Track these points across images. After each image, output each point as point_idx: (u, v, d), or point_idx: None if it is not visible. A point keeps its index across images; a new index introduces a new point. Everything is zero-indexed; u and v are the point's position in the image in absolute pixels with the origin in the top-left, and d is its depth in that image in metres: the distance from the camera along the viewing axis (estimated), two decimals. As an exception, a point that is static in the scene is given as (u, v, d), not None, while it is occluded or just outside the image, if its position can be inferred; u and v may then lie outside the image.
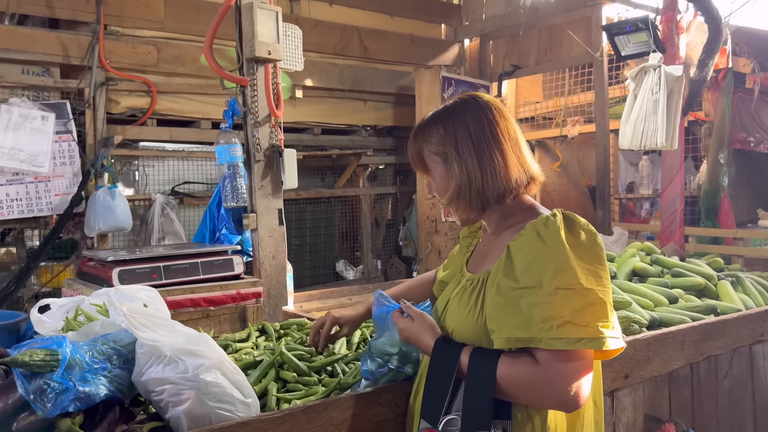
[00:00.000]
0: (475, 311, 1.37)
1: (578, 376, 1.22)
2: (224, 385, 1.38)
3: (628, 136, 3.13)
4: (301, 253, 5.27)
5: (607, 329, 1.23)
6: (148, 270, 2.05)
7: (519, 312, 1.25)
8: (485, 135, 1.40)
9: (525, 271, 1.27)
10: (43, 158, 3.80)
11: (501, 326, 1.28)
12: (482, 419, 1.27)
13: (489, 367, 1.28)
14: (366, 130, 5.29)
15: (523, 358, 1.26)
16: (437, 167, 1.45)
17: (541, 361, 1.23)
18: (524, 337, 1.24)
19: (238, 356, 1.85)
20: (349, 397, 1.51)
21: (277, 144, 2.51)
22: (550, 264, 1.25)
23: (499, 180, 1.39)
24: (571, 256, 1.25)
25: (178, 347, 1.38)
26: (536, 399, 1.27)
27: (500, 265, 1.33)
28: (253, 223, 2.47)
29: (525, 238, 1.31)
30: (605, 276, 1.28)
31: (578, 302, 1.22)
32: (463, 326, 1.40)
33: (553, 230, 1.29)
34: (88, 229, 3.86)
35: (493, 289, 1.32)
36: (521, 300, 1.25)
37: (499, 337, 1.28)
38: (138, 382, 1.38)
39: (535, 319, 1.22)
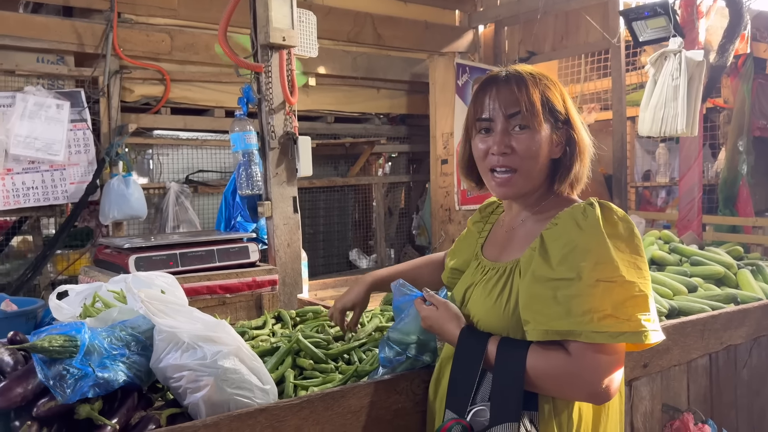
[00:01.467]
0: (502, 301, 1.34)
1: (611, 369, 1.20)
2: (242, 372, 1.37)
3: (648, 123, 3.08)
4: (314, 242, 5.27)
5: (649, 322, 1.20)
6: (164, 257, 2.05)
7: (556, 304, 1.21)
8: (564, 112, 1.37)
9: (562, 262, 1.23)
10: (58, 146, 3.82)
11: (537, 318, 1.24)
12: (513, 410, 1.25)
13: (518, 357, 1.26)
14: (379, 118, 5.27)
15: (554, 350, 1.23)
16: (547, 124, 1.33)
17: (574, 353, 1.20)
18: (563, 330, 1.20)
19: (254, 343, 1.84)
20: (366, 384, 1.50)
21: (291, 131, 2.49)
22: (589, 255, 1.21)
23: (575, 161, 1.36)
24: (611, 248, 1.21)
25: (196, 334, 1.37)
26: (566, 391, 1.25)
27: (533, 255, 1.29)
28: (268, 211, 2.47)
29: (561, 227, 1.27)
30: (645, 267, 1.24)
31: (620, 295, 1.19)
32: (489, 316, 1.36)
33: (592, 220, 1.25)
34: (103, 218, 3.88)
35: (526, 279, 1.29)
36: (558, 291, 1.22)
37: (535, 328, 1.24)
38: (156, 369, 1.38)
39: (574, 311, 1.19)
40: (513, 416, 1.25)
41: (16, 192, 3.76)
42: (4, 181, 3.71)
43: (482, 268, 1.47)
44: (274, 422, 1.36)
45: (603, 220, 1.25)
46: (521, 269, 1.33)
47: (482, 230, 1.60)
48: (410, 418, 1.57)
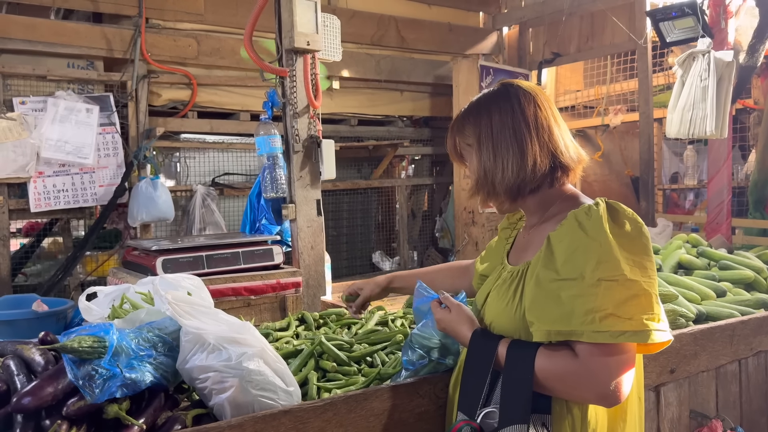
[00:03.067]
0: (514, 303, 1.35)
1: (619, 370, 1.19)
2: (267, 374, 1.38)
3: (676, 124, 3.04)
4: (337, 244, 5.29)
5: (653, 322, 1.19)
6: (190, 259, 2.08)
7: (560, 304, 1.22)
8: (506, 126, 1.38)
9: (566, 263, 1.24)
10: (88, 150, 3.90)
11: (541, 318, 1.25)
12: (521, 412, 1.25)
13: (527, 359, 1.26)
14: (402, 121, 5.27)
15: (562, 351, 1.23)
16: (470, 158, 1.45)
17: (581, 355, 1.20)
18: (565, 330, 1.21)
19: (278, 345, 1.86)
20: (389, 387, 1.51)
21: (315, 135, 2.51)
22: (592, 255, 1.21)
23: (512, 173, 1.36)
24: (614, 247, 1.21)
25: (222, 335, 1.39)
26: (575, 392, 1.24)
27: (540, 256, 1.30)
28: (292, 214, 2.49)
29: (565, 228, 1.28)
30: (651, 267, 1.24)
31: (622, 294, 1.18)
32: (501, 318, 1.38)
33: (596, 220, 1.25)
34: (131, 219, 3.95)
35: (532, 281, 1.30)
36: (562, 292, 1.22)
37: (539, 329, 1.25)
38: (182, 370, 1.40)
39: (576, 311, 1.19)
40: (521, 418, 1.24)
41: (47, 194, 3.84)
42: (36, 183, 3.79)
43: (503, 273, 1.47)
44: (297, 424, 1.37)
45: (609, 219, 1.25)
46: (531, 271, 1.34)
47: (509, 236, 1.61)
48: (433, 422, 1.57)
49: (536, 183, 1.38)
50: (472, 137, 1.42)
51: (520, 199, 1.42)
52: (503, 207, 1.46)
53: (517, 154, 1.36)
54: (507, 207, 1.46)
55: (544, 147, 1.37)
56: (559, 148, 1.38)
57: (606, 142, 5.62)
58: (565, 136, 1.41)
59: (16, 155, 3.68)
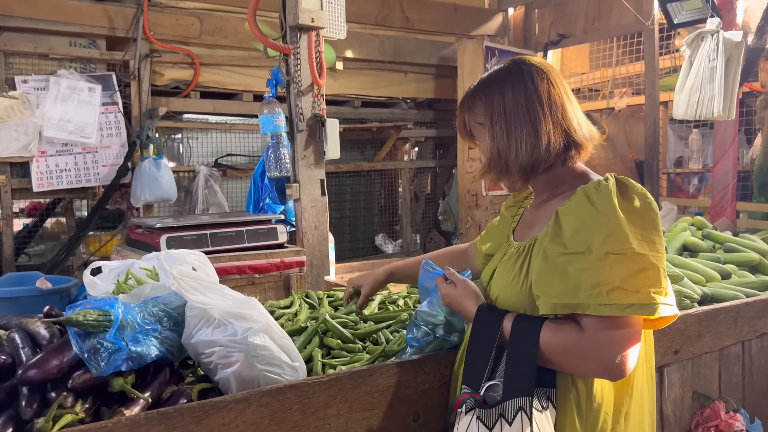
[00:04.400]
0: (520, 278, 1.35)
1: (625, 344, 1.19)
2: (272, 349, 1.38)
3: (683, 106, 3.01)
4: (340, 226, 5.28)
5: (660, 295, 1.19)
6: (195, 237, 2.07)
7: (567, 278, 1.22)
8: (519, 104, 1.36)
9: (574, 236, 1.24)
10: (90, 129, 3.88)
11: (547, 292, 1.25)
12: (525, 385, 1.25)
13: (532, 333, 1.26)
14: (406, 103, 5.24)
15: (568, 325, 1.23)
16: (481, 137, 1.44)
17: (587, 328, 1.20)
18: (572, 303, 1.21)
19: (283, 322, 1.86)
20: (394, 364, 1.51)
21: (319, 114, 2.49)
22: (600, 228, 1.21)
23: (526, 152, 1.35)
24: (622, 221, 1.21)
25: (227, 310, 1.39)
26: (580, 366, 1.24)
27: (548, 231, 1.30)
28: (296, 193, 2.47)
29: (574, 202, 1.28)
30: (659, 242, 1.23)
31: (629, 267, 1.18)
32: (507, 293, 1.38)
33: (605, 194, 1.24)
34: (134, 200, 3.94)
35: (539, 255, 1.29)
36: (569, 265, 1.22)
37: (545, 302, 1.25)
38: (188, 344, 1.40)
39: (583, 284, 1.19)
40: (525, 391, 1.24)
41: (50, 174, 3.83)
42: (38, 163, 3.78)
43: (509, 250, 1.47)
44: (303, 398, 1.37)
45: (618, 194, 1.25)
46: (538, 246, 1.33)
47: (515, 215, 1.61)
48: (437, 398, 1.57)
49: (550, 161, 1.38)
50: (484, 116, 1.41)
51: (533, 177, 1.41)
52: (516, 186, 1.46)
53: (530, 132, 1.35)
54: (520, 186, 1.46)
55: (557, 125, 1.36)
56: (572, 125, 1.37)
57: (611, 126, 5.58)
58: (578, 113, 1.40)
59: (19, 134, 3.67)
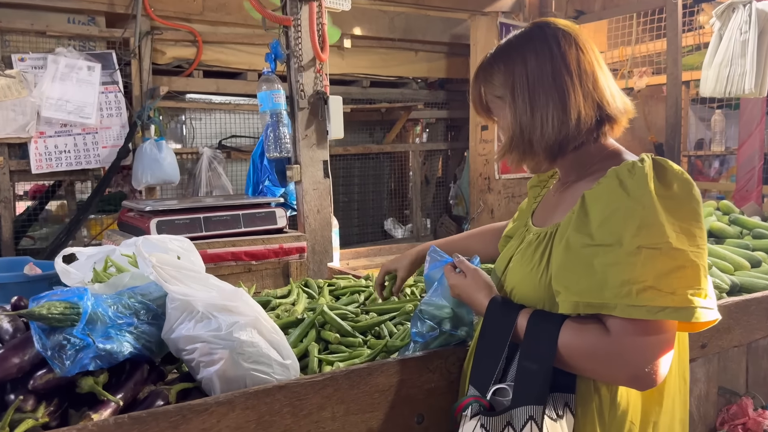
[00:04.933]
0: (539, 269, 1.20)
1: (656, 352, 1.04)
2: (260, 345, 1.25)
3: (711, 82, 2.82)
4: (348, 211, 5.16)
5: (699, 297, 1.04)
6: (187, 221, 1.95)
7: (591, 273, 1.07)
8: (544, 73, 1.20)
9: (602, 226, 1.08)
10: (90, 109, 3.77)
11: (569, 288, 1.11)
12: (537, 392, 1.11)
13: (550, 332, 1.12)
14: (417, 83, 5.08)
15: (592, 325, 1.09)
16: (500, 112, 1.27)
17: (613, 331, 1.06)
18: (596, 303, 1.06)
19: (279, 313, 1.73)
20: (396, 361, 1.38)
21: (322, 90, 2.35)
22: (632, 218, 1.06)
23: (553, 129, 1.19)
24: (659, 210, 1.06)
25: (211, 302, 1.26)
26: (604, 372, 1.10)
27: (572, 218, 1.14)
28: (297, 175, 2.34)
29: (604, 186, 1.12)
30: (700, 235, 1.08)
31: (664, 264, 1.03)
32: (524, 285, 1.24)
33: (639, 178, 1.09)
34: (135, 182, 3.84)
35: (561, 245, 1.15)
36: (595, 259, 1.07)
37: (566, 300, 1.11)
38: (168, 340, 1.28)
39: (610, 282, 1.05)
40: (537, 398, 1.11)
41: (49, 155, 3.73)
42: (37, 144, 3.68)
43: (527, 235, 1.32)
44: (294, 400, 1.25)
45: (655, 178, 1.09)
46: (560, 234, 1.18)
47: (538, 195, 1.47)
48: (444, 398, 1.44)
49: (580, 139, 1.21)
50: (503, 88, 1.24)
51: (561, 157, 1.25)
52: (540, 167, 1.30)
53: (558, 106, 1.19)
54: (545, 167, 1.30)
55: (588, 97, 1.19)
56: (605, 97, 1.21)
57: (629, 107, 5.37)
58: (611, 83, 1.23)
59: (16, 114, 3.56)
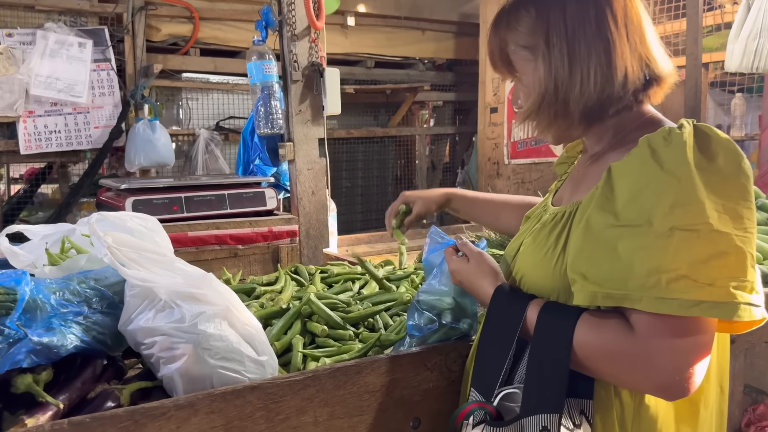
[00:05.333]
0: (554, 253, 1.02)
1: (690, 356, 0.86)
2: (230, 339, 1.09)
3: (737, 57, 2.61)
4: (351, 196, 5.00)
5: (743, 291, 0.85)
6: (166, 201, 1.78)
7: (615, 258, 0.89)
8: (587, 20, 1.00)
9: (629, 203, 0.90)
10: (81, 88, 3.63)
11: (587, 276, 0.93)
12: (552, 398, 0.94)
13: (564, 328, 0.95)
14: (424, 64, 4.89)
15: (613, 321, 0.91)
16: (526, 66, 1.05)
17: (639, 329, 0.88)
18: (618, 294, 0.88)
19: (263, 301, 1.57)
20: (389, 358, 1.21)
21: (317, 62, 2.17)
22: (665, 194, 0.87)
23: (595, 86, 0.99)
24: (698, 186, 0.87)
25: (175, 289, 1.10)
26: (625, 378, 0.92)
27: (595, 194, 0.96)
28: (290, 154, 2.16)
29: (634, 157, 0.93)
30: (749, 217, 0.88)
31: (703, 250, 0.84)
32: (536, 272, 1.05)
33: (677, 147, 0.89)
34: (128, 164, 3.70)
35: (581, 226, 0.96)
36: (619, 242, 0.89)
37: (583, 289, 0.93)
38: (125, 332, 1.11)
39: (636, 269, 0.87)
40: (552, 405, 0.94)
41: (38, 136, 3.58)
42: (26, 124, 3.54)
43: (543, 215, 1.14)
44: (269, 403, 1.08)
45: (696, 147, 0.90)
46: (581, 213, 1.00)
47: (564, 173, 1.28)
48: (443, 400, 1.27)
49: (624, 101, 1.02)
50: (534, 36, 1.03)
51: (598, 123, 1.05)
52: (570, 134, 1.09)
53: (602, 60, 0.99)
54: (577, 134, 1.09)
55: (635, 51, 1.00)
56: (651, 54, 1.01)
57: (645, 90, 5.15)
58: (657, 39, 1.04)
59: (3, 92, 3.43)
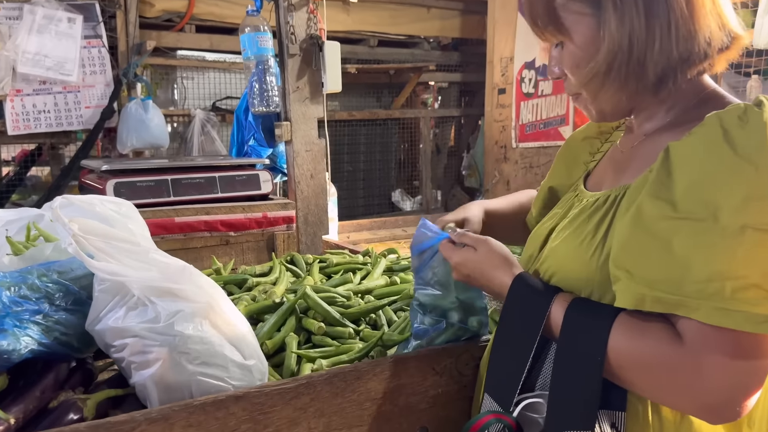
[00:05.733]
0: (593, 243, 0.87)
1: (750, 379, 0.73)
2: (212, 341, 0.95)
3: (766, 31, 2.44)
4: (353, 181, 4.85)
5: None
6: (152, 184, 1.64)
7: (669, 256, 0.75)
8: None
9: (691, 192, 0.75)
10: (71, 66, 3.47)
11: (634, 274, 0.78)
12: (582, 413, 0.80)
13: (598, 329, 0.81)
14: (429, 43, 4.71)
15: (656, 325, 0.77)
16: (580, 22, 0.88)
17: (690, 339, 0.74)
18: (671, 299, 0.74)
19: (255, 294, 1.43)
20: (393, 361, 1.07)
21: (316, 34, 2.01)
22: (738, 184, 0.73)
23: (676, 43, 0.83)
24: None
25: (149, 284, 0.96)
26: (666, 393, 0.78)
27: (649, 179, 0.81)
28: (287, 134, 2.02)
29: (700, 137, 0.78)
30: None
31: None
32: (571, 264, 0.90)
33: (755, 129, 0.75)
34: (120, 146, 3.55)
35: (629, 214, 0.81)
36: (676, 237, 0.75)
37: (628, 289, 0.79)
38: (93, 332, 0.98)
39: (695, 271, 0.73)
40: (580, 422, 0.80)
41: (27, 116, 3.43)
42: (14, 103, 3.39)
43: (577, 200, 1.00)
44: (256, 414, 0.95)
45: None
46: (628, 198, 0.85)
47: (596, 151, 1.11)
48: (453, 407, 1.15)
49: (705, 64, 0.86)
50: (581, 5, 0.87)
51: (665, 89, 0.88)
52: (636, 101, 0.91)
53: (685, 11, 0.83)
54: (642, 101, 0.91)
55: (713, 11, 0.85)
56: (724, 14, 0.86)
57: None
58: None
59: (-11, 69, 3.26)
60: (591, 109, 0.94)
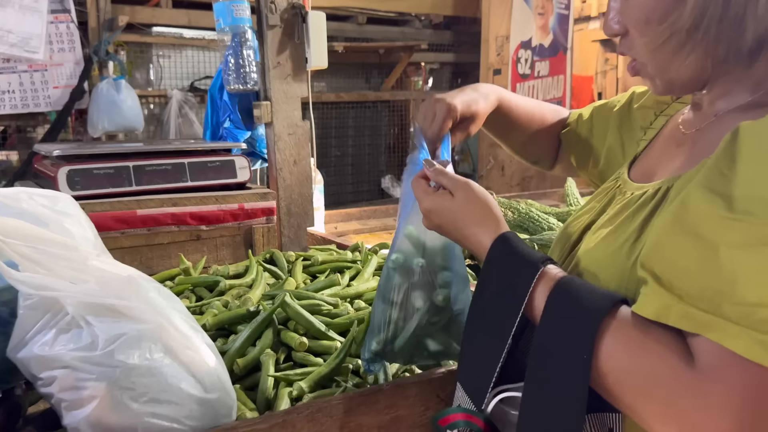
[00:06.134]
0: (636, 247, 0.70)
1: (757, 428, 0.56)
2: (165, 372, 0.76)
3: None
4: (341, 166, 4.67)
5: None
6: (110, 171, 1.44)
7: (711, 264, 0.58)
8: None
9: (756, 186, 0.58)
10: (37, 42, 3.24)
11: (664, 277, 0.61)
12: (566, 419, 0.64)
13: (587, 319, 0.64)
14: (420, 21, 4.52)
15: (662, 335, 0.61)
16: None
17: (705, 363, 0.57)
18: (702, 318, 0.57)
19: (227, 300, 1.24)
20: (389, 388, 0.89)
21: (299, 3, 1.80)
22: None
23: None
24: None
25: (85, 300, 0.77)
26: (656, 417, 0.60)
27: (708, 165, 0.63)
28: (267, 116, 1.81)
29: None
30: None
31: None
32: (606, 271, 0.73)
33: None
34: (92, 129, 3.35)
35: (673, 204, 0.65)
36: (725, 242, 0.58)
37: (652, 294, 0.62)
38: (15, 359, 0.78)
39: (741, 289, 0.56)
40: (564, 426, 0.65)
41: (-11, 96, 3.20)
42: (-25, 82, 3.16)
43: (619, 193, 0.81)
44: (219, 462, 0.76)
45: None
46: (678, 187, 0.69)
47: (650, 126, 0.91)
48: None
49: None
50: None
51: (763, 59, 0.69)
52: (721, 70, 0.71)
53: None
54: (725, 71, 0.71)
55: None
56: None
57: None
58: None
59: (-54, 46, 3.04)
60: (656, 79, 0.74)
